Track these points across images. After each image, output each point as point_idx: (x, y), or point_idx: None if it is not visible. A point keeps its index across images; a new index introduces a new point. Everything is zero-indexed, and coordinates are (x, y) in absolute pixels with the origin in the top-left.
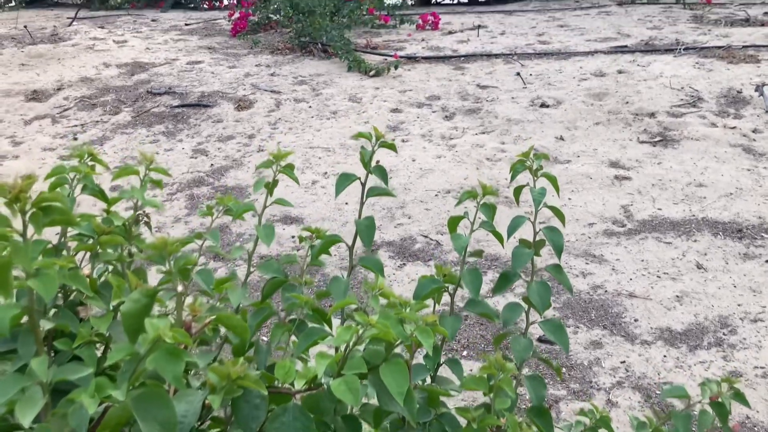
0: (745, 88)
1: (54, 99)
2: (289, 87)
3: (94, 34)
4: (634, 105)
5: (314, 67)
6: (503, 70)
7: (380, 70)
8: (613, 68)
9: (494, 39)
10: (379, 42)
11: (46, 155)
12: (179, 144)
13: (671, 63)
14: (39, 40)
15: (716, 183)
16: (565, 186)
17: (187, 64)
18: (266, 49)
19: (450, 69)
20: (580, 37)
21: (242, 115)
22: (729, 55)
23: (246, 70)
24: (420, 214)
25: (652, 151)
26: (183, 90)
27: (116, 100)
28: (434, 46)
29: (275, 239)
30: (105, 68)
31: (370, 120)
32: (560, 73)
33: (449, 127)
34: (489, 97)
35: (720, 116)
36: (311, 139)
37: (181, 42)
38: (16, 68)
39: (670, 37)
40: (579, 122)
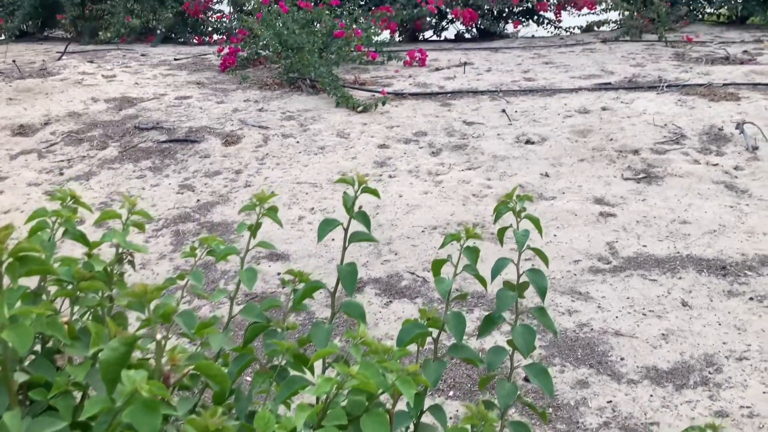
0: (726, 126)
1: (41, 133)
2: (277, 122)
3: (83, 68)
4: (618, 142)
5: (302, 102)
6: (489, 106)
7: (368, 106)
8: (597, 105)
9: (480, 76)
10: (367, 78)
11: (31, 190)
12: (166, 179)
13: (654, 100)
14: (28, 75)
15: (700, 220)
16: (551, 222)
17: (175, 99)
18: (255, 84)
19: (437, 105)
20: (564, 74)
21: (230, 150)
22: (710, 93)
23: (234, 105)
24: (407, 250)
25: (637, 187)
26: (171, 125)
27: (103, 135)
28: (421, 83)
29: (260, 277)
30: (93, 103)
31: (357, 155)
32: (545, 109)
33: (436, 163)
34: (475, 134)
35: (702, 153)
36: (298, 175)
37: (170, 77)
38: (4, 102)
39: (653, 75)
40: (564, 159)
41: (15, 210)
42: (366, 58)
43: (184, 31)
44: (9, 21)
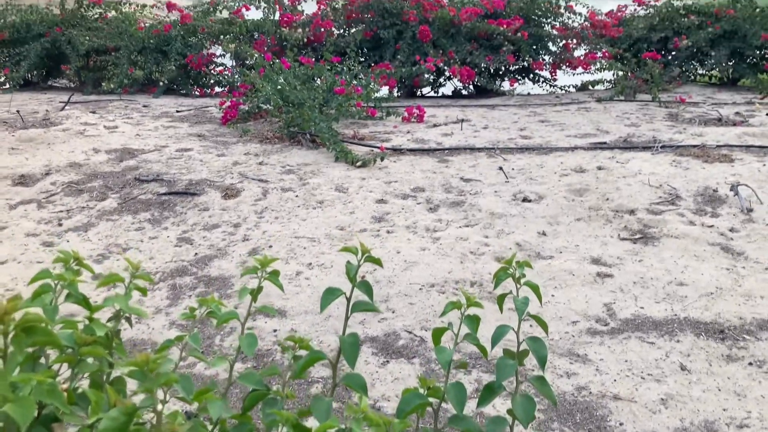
0: (721, 187)
1: (41, 184)
2: (276, 176)
3: (86, 119)
4: (614, 202)
5: (302, 156)
6: (486, 163)
7: (367, 161)
8: (593, 164)
9: (477, 133)
10: (366, 133)
11: (29, 241)
12: (164, 232)
13: (649, 160)
14: (30, 125)
15: (697, 282)
16: (549, 282)
17: (176, 151)
18: (255, 137)
19: (434, 161)
20: (560, 133)
21: (229, 203)
22: (704, 154)
23: (234, 158)
24: (404, 308)
25: (633, 248)
26: (171, 177)
27: (103, 186)
28: (419, 139)
29: (256, 333)
30: (94, 154)
31: (356, 210)
32: (542, 168)
33: (434, 219)
34: (472, 191)
35: (698, 214)
36: (297, 229)
37: (171, 129)
38: (6, 152)
39: (647, 135)
40: (561, 217)
41: (12, 260)
42: (365, 113)
43: (187, 83)
44: (15, 70)
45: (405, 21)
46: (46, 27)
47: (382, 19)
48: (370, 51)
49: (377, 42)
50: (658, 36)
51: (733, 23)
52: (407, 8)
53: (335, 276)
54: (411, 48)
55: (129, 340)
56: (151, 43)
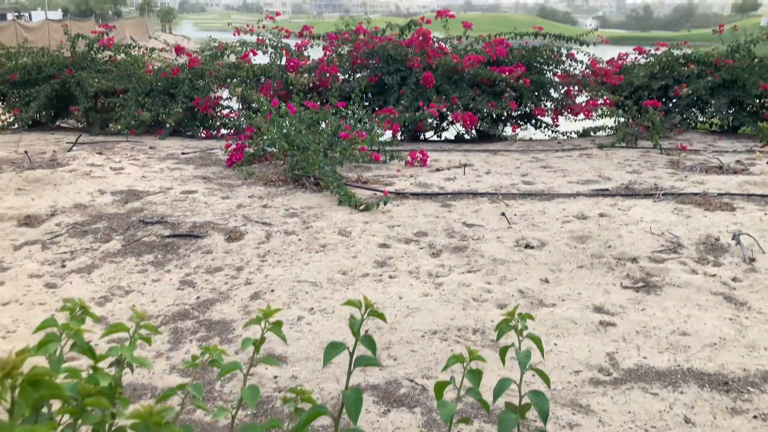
0: (723, 236)
1: (46, 224)
2: (280, 219)
3: (92, 160)
4: (616, 249)
5: (306, 199)
6: (489, 208)
7: (370, 205)
8: (595, 211)
9: (480, 177)
10: (370, 176)
11: (32, 282)
12: (167, 275)
13: (651, 208)
14: (38, 165)
15: (700, 332)
16: (551, 330)
17: (181, 193)
18: (260, 180)
19: (437, 206)
20: (562, 179)
21: (232, 246)
22: (705, 202)
23: (239, 201)
24: (406, 355)
25: (636, 296)
26: (175, 220)
27: (108, 227)
28: (422, 183)
29: (257, 380)
30: (100, 195)
31: (358, 255)
32: (544, 214)
33: (436, 265)
34: (475, 236)
35: (700, 263)
36: (299, 273)
37: (177, 171)
38: (12, 192)
39: (649, 182)
40: (563, 265)
41: (14, 302)
42: (369, 158)
43: (193, 125)
44: (24, 111)
45: (409, 67)
46: (56, 69)
47: (387, 65)
48: (374, 96)
49: (382, 87)
50: (659, 84)
51: (732, 73)
52: (411, 55)
53: (337, 321)
54: (415, 93)
55: (129, 385)
56: (159, 86)
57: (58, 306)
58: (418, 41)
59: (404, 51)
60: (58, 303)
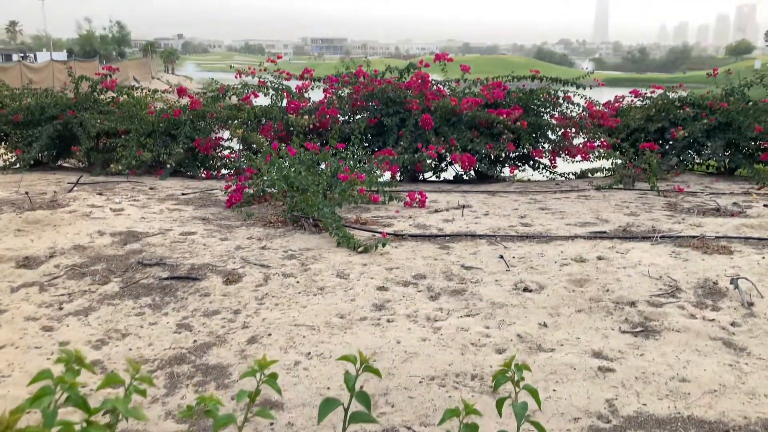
0: (721, 280)
1: (45, 266)
2: (278, 261)
3: (92, 201)
4: (614, 293)
5: (304, 241)
6: (487, 251)
7: (368, 247)
8: (593, 254)
9: (478, 219)
10: (369, 218)
11: (28, 325)
12: (164, 318)
13: (649, 251)
14: (38, 206)
15: (699, 378)
16: (550, 376)
17: (180, 234)
18: (259, 221)
19: (436, 248)
20: (560, 221)
21: (230, 289)
22: (703, 245)
23: (237, 242)
24: (403, 402)
25: (634, 341)
26: (174, 262)
27: (106, 269)
28: (421, 224)
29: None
30: (99, 236)
31: (356, 297)
32: (542, 257)
33: (434, 308)
34: (473, 279)
35: (698, 308)
36: (296, 316)
37: (176, 212)
38: (12, 234)
39: (646, 224)
40: (561, 309)
41: (10, 345)
42: (368, 199)
43: (194, 165)
44: (26, 151)
45: (408, 109)
46: (59, 110)
47: (386, 107)
48: (374, 137)
49: (381, 128)
50: (655, 126)
51: (727, 116)
52: (410, 97)
53: (334, 367)
54: (413, 135)
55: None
56: (161, 127)
57: (54, 350)
58: (417, 84)
59: (403, 93)
60: (55, 347)
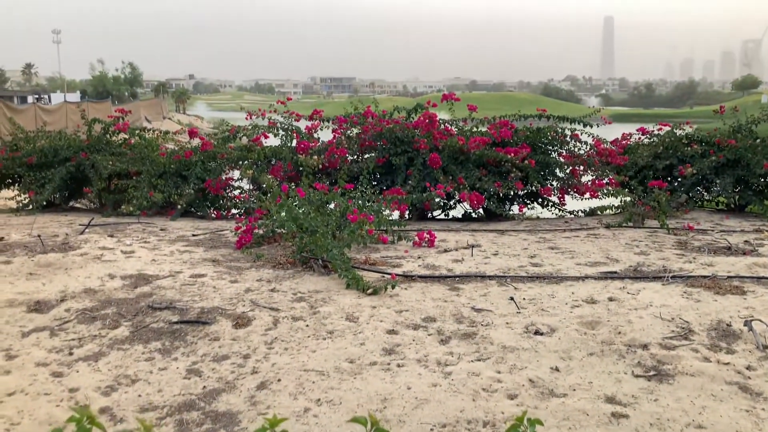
0: (734, 321)
1: (56, 310)
2: (287, 304)
3: (104, 243)
4: (626, 336)
5: (314, 283)
6: (497, 292)
7: (377, 289)
8: (604, 295)
9: (488, 259)
10: (378, 258)
11: (39, 371)
12: (174, 363)
13: (660, 291)
14: (50, 249)
15: (716, 425)
16: (563, 423)
17: (190, 277)
18: (269, 262)
19: (445, 289)
20: (570, 261)
21: (239, 333)
22: (715, 285)
23: (247, 285)
24: None
25: (648, 386)
26: (183, 305)
27: (117, 313)
28: (430, 264)
29: None
30: (110, 279)
31: (366, 341)
32: (553, 298)
33: (445, 352)
34: (484, 321)
35: (712, 350)
36: (306, 361)
37: (187, 254)
38: (24, 277)
39: (657, 264)
40: (573, 352)
41: (19, 392)
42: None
43: (204, 205)
44: (39, 193)
45: (416, 149)
46: (72, 152)
47: (394, 147)
48: (382, 176)
49: (390, 168)
50: (663, 164)
51: (736, 153)
52: (418, 137)
53: (344, 414)
54: (422, 174)
55: None
56: (172, 168)
57: (64, 396)
58: (425, 124)
59: (411, 133)
60: (64, 393)
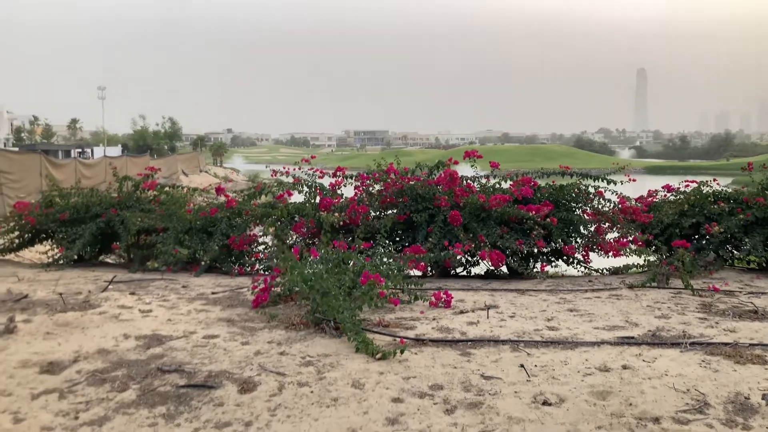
0: (753, 394)
1: (67, 371)
2: (295, 368)
3: (123, 301)
4: (638, 408)
5: (323, 346)
6: (509, 358)
7: (387, 354)
8: (618, 362)
9: (504, 322)
10: (392, 319)
11: None
12: (176, 429)
13: (677, 359)
14: (70, 307)
15: None
16: None
17: (203, 338)
18: (282, 323)
19: (456, 354)
20: (588, 324)
21: (244, 398)
22: (736, 354)
23: (257, 347)
24: None
25: None
26: (192, 368)
27: (126, 375)
28: (444, 327)
29: None
30: (124, 340)
31: (369, 410)
32: (565, 365)
33: (449, 423)
34: (492, 390)
35: (728, 426)
36: (307, 430)
37: (203, 313)
38: (41, 337)
39: (677, 329)
40: (580, 425)
41: None
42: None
43: (228, 261)
44: (69, 249)
45: (437, 206)
46: (103, 208)
47: (415, 203)
48: (403, 232)
49: (410, 224)
50: (689, 221)
51: (765, 211)
52: (439, 194)
53: None
54: (443, 231)
55: None
56: (198, 224)
57: None
58: (446, 181)
59: (432, 190)
60: None
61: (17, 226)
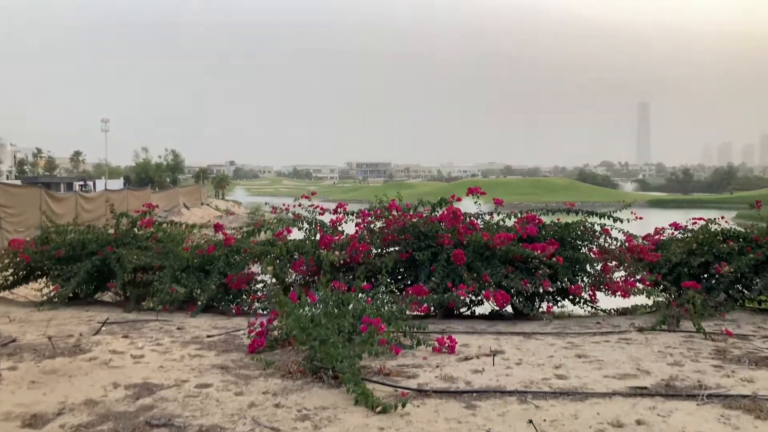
0: None
1: (50, 426)
2: (290, 422)
3: (115, 345)
4: None
5: (321, 397)
6: (516, 411)
7: (387, 407)
8: (632, 417)
9: (509, 370)
10: (394, 366)
11: None
12: None
13: (694, 414)
14: (59, 352)
15: None
16: None
17: (195, 387)
18: (278, 371)
19: (461, 407)
20: (598, 372)
21: None
22: (756, 408)
23: (252, 398)
24: None
25: None
26: (182, 422)
27: (113, 430)
28: (447, 375)
29: None
30: (113, 389)
31: None
32: (576, 419)
33: None
34: None
35: None
36: None
37: (197, 359)
38: (25, 386)
39: (691, 377)
40: None
41: None
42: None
43: (225, 300)
44: (64, 288)
45: (440, 244)
46: (99, 245)
47: (418, 241)
48: (406, 271)
49: (413, 262)
50: (698, 260)
51: None
52: (442, 232)
53: None
54: (446, 270)
55: None
56: (195, 263)
57: None
58: (449, 218)
59: (435, 227)
60: None
61: (11, 264)
